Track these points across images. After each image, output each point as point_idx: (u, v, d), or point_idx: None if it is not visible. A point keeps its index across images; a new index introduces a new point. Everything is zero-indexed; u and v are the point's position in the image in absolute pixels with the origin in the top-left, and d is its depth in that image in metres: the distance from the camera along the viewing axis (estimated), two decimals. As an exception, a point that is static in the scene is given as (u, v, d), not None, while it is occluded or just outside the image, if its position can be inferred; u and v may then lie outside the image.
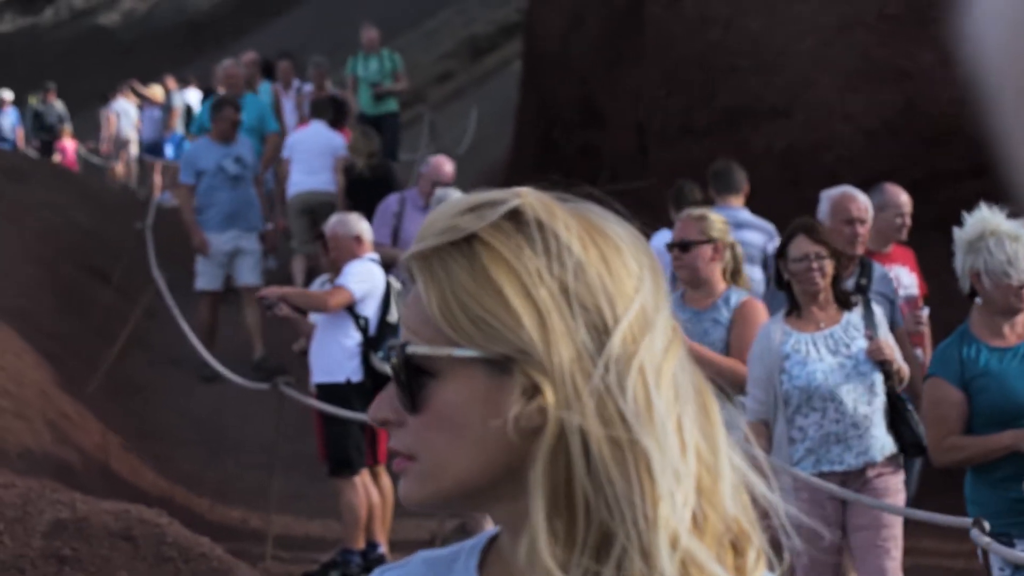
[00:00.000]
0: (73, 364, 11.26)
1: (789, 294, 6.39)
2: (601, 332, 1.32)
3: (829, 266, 6.30)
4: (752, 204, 9.40)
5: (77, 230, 16.10)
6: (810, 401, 6.23)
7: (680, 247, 6.66)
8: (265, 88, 16.67)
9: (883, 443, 6.29)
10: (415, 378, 1.36)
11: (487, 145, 20.97)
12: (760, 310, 6.59)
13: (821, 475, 6.24)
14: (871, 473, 6.29)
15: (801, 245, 6.31)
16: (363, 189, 12.69)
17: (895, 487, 6.33)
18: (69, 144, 25.98)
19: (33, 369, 10.01)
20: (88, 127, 27.58)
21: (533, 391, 1.31)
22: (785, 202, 10.28)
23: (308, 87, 16.97)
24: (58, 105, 26.51)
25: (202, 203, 12.75)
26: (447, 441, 1.35)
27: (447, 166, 10.95)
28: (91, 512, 7.36)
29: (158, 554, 7.14)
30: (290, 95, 16.65)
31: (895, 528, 6.30)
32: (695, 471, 1.32)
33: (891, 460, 6.32)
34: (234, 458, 10.97)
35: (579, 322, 1.31)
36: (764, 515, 1.36)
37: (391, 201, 11.13)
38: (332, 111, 14.78)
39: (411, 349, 1.36)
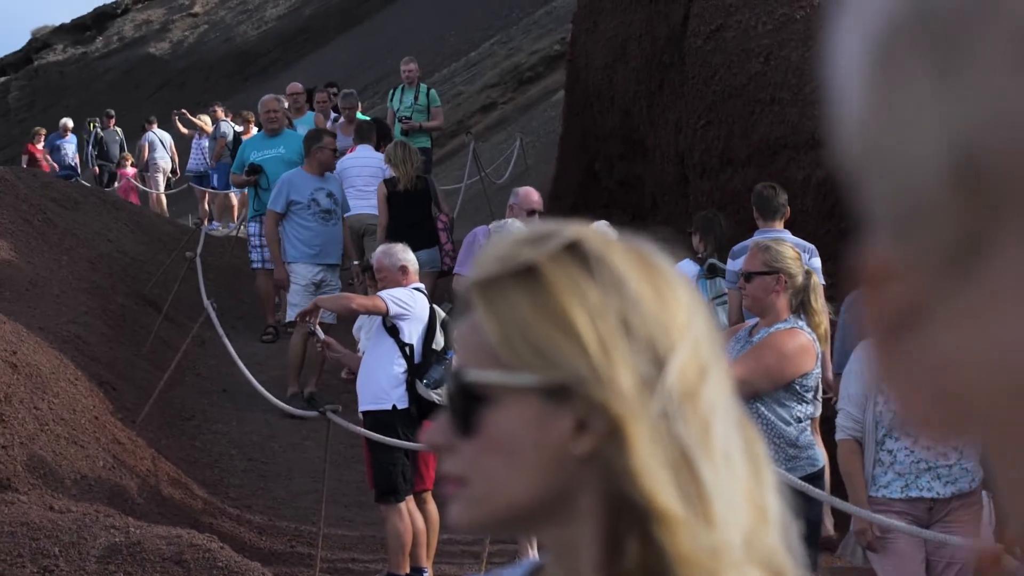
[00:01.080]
0: (125, 391, 11.36)
1: None
2: (658, 364, 1.34)
3: None
4: (791, 233, 9.53)
5: (128, 258, 16.28)
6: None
7: (744, 277, 6.67)
8: (308, 118, 16.76)
9: (972, 474, 6.26)
10: (469, 404, 1.37)
11: (530, 175, 21.07)
12: (787, 339, 6.48)
13: (910, 500, 6.25)
14: (956, 504, 6.28)
15: None
16: (403, 201, 12.78)
17: (976, 517, 6.32)
18: (130, 171, 26.03)
19: (86, 396, 10.08)
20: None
21: (588, 419, 1.33)
22: (823, 232, 10.38)
23: (337, 117, 17.02)
24: (119, 132, 26.60)
25: (291, 234, 12.68)
26: (500, 466, 1.36)
27: (535, 196, 10.79)
28: (144, 537, 7.47)
29: (209, 578, 7.28)
30: (327, 126, 16.65)
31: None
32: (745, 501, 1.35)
33: (976, 491, 6.31)
34: (283, 484, 11.03)
35: (637, 353, 1.33)
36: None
37: (478, 233, 11.05)
38: (376, 133, 14.89)
39: (470, 376, 1.38)
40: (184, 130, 25.81)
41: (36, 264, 13.39)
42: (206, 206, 24.16)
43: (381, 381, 8.66)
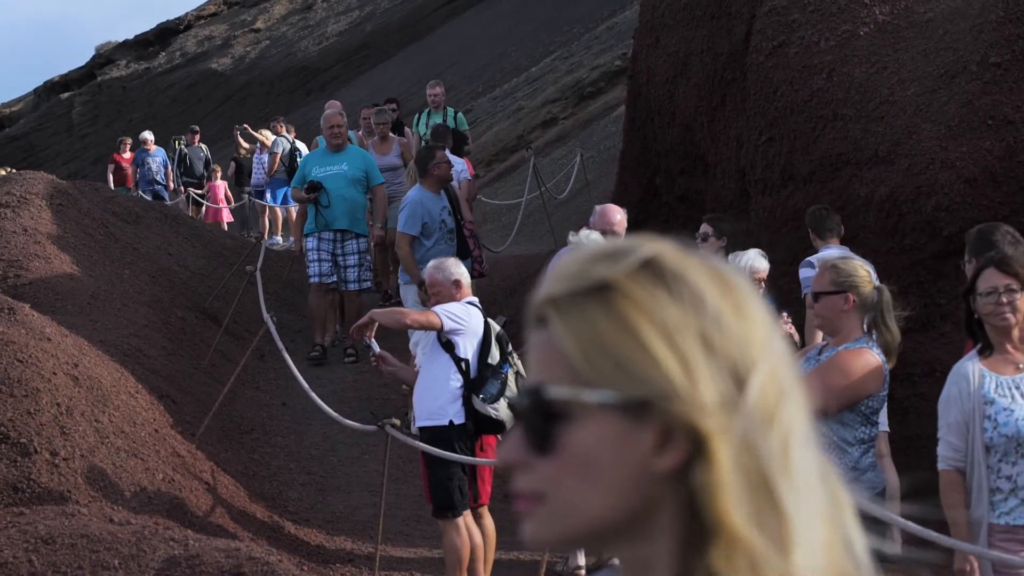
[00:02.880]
0: (185, 404, 11.41)
1: (981, 333, 6.00)
2: (738, 382, 1.33)
3: (1022, 300, 5.88)
4: (853, 250, 9.49)
5: (189, 272, 16.37)
6: (1019, 449, 5.84)
7: (813, 297, 6.53)
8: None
9: None
10: (547, 421, 1.36)
11: (590, 191, 21.07)
12: (854, 360, 6.34)
13: None
14: None
15: (990, 278, 5.91)
16: None
17: None
18: (220, 184, 26.11)
19: (147, 409, 10.12)
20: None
21: (670, 435, 1.32)
22: (886, 248, 10.29)
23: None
24: (203, 148, 26.71)
25: (426, 257, 12.12)
26: (579, 484, 1.35)
27: (617, 215, 10.34)
28: (203, 549, 7.47)
29: (267, 591, 7.26)
30: (370, 145, 16.43)
31: None
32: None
33: None
34: (341, 498, 11.05)
35: (718, 370, 1.33)
36: None
37: (562, 255, 10.92)
38: (451, 137, 14.87)
39: (550, 392, 1.36)
40: (244, 144, 25.94)
41: (97, 278, 13.48)
42: (266, 220, 24.32)
43: (438, 397, 8.63)
